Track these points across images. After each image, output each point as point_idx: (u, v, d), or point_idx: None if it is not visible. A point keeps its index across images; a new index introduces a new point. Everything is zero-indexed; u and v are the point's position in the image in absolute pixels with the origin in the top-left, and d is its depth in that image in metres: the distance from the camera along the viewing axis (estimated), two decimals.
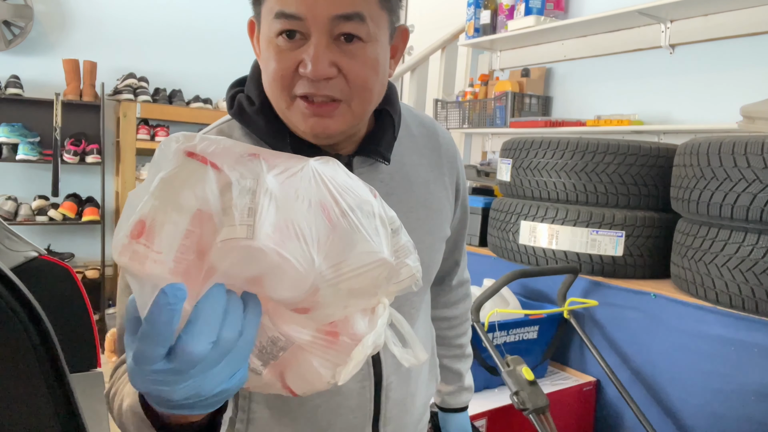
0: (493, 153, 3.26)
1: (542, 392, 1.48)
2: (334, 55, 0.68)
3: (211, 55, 4.38)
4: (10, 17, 3.66)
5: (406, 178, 0.85)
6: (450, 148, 0.93)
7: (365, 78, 0.71)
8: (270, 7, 0.69)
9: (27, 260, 0.95)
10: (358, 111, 0.73)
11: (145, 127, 3.93)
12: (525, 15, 2.78)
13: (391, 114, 0.82)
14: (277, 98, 0.72)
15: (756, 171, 1.47)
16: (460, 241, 1.05)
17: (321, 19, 0.67)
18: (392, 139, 0.82)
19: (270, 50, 0.70)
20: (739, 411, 1.53)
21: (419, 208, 0.86)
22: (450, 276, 1.08)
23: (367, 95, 0.72)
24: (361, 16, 0.68)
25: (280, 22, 0.68)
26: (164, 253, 0.42)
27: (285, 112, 0.73)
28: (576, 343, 1.98)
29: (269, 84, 0.72)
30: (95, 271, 3.84)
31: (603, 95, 2.73)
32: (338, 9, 0.67)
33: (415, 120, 0.91)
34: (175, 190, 0.43)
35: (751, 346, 1.51)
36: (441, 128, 0.94)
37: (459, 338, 1.11)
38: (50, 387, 0.61)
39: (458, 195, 0.95)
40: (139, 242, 0.42)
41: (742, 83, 2.21)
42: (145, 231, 0.42)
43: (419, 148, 0.89)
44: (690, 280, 1.67)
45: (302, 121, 0.72)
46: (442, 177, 0.90)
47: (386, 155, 0.81)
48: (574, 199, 1.98)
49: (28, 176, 3.88)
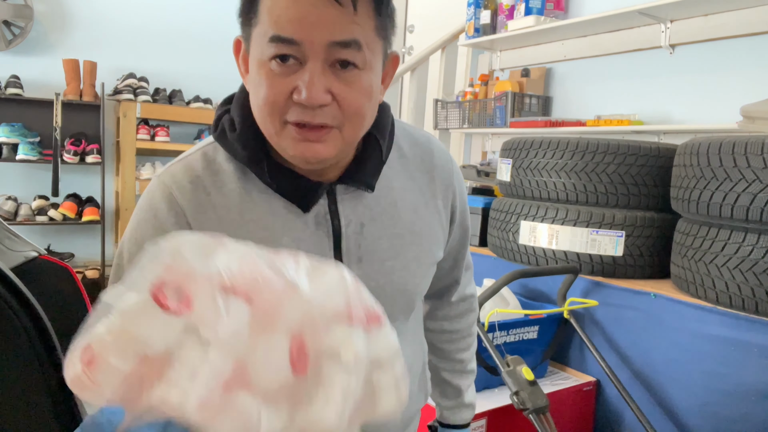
0: (493, 153, 3.26)
1: (542, 392, 1.48)
2: (329, 82, 0.67)
3: (211, 55, 4.38)
4: (10, 17, 3.66)
5: (392, 204, 0.84)
6: (446, 168, 0.91)
7: (359, 105, 0.70)
8: (263, 30, 0.68)
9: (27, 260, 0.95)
10: (349, 137, 0.72)
11: (145, 127, 3.93)
12: (525, 15, 2.78)
13: (378, 139, 0.81)
14: (267, 123, 0.71)
15: (756, 171, 1.47)
16: (460, 259, 1.02)
17: (318, 45, 0.66)
18: (379, 165, 0.81)
19: (261, 74, 0.69)
20: (739, 411, 1.53)
21: (405, 234, 0.85)
22: (449, 292, 1.06)
23: (360, 121, 0.72)
24: (358, 43, 0.67)
25: (275, 46, 0.66)
26: (103, 388, 0.44)
27: (274, 137, 0.72)
28: (576, 343, 1.98)
29: (259, 108, 0.71)
30: (95, 271, 3.84)
31: (603, 95, 2.73)
32: (336, 35, 0.66)
33: (409, 140, 0.89)
34: (129, 330, 0.44)
35: (751, 346, 1.51)
36: (438, 147, 0.92)
37: (460, 353, 1.08)
38: (50, 387, 0.61)
39: (454, 217, 0.93)
40: (84, 372, 0.44)
41: (742, 83, 2.21)
42: (92, 362, 0.44)
43: (410, 171, 0.87)
44: (690, 280, 1.67)
45: (292, 146, 0.71)
46: (434, 200, 0.89)
47: (371, 183, 0.80)
48: (574, 199, 1.98)
49: (28, 176, 3.88)
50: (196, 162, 0.79)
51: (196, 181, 0.78)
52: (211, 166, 0.79)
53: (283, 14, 0.65)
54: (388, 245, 0.83)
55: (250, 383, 0.45)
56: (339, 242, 0.81)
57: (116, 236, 4.04)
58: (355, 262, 0.82)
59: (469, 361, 1.10)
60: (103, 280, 3.84)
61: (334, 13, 0.65)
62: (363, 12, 0.67)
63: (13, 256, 0.93)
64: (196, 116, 4.10)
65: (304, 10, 0.65)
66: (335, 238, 0.80)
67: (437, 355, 1.08)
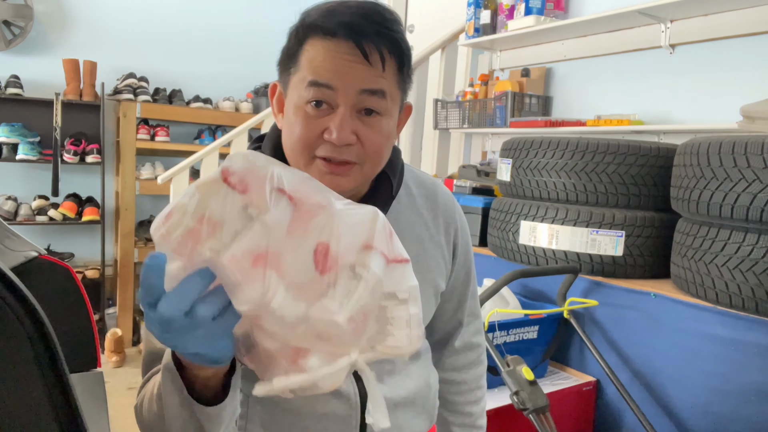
0: (493, 153, 3.26)
1: (542, 392, 1.48)
2: (355, 125, 0.79)
3: (211, 55, 4.38)
4: (10, 17, 3.66)
5: (399, 235, 0.91)
6: (448, 207, 1.00)
7: (379, 146, 0.82)
8: (302, 76, 0.79)
9: (27, 260, 0.95)
10: (368, 172, 0.84)
11: (145, 126, 3.92)
12: (525, 15, 2.77)
13: (389, 176, 0.91)
14: (298, 156, 0.81)
15: (756, 171, 1.47)
16: (464, 301, 1.05)
17: (350, 91, 0.77)
18: (388, 199, 0.92)
19: (298, 116, 0.79)
20: (739, 411, 1.53)
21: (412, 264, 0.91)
22: (453, 337, 1.07)
23: (378, 160, 0.84)
24: (384, 93, 0.79)
25: (312, 89, 0.77)
26: (171, 236, 0.55)
27: (302, 169, 0.80)
28: (576, 343, 1.98)
29: (292, 143, 0.81)
30: (95, 271, 3.84)
31: (603, 95, 2.73)
32: (367, 84, 0.77)
33: (416, 180, 1.00)
34: (198, 197, 0.55)
35: (751, 346, 1.51)
36: (442, 189, 1.02)
37: (468, 406, 1.09)
38: (50, 387, 0.61)
39: (456, 252, 1.00)
40: (161, 224, 0.56)
41: (742, 83, 2.21)
42: (168, 217, 0.56)
43: (416, 207, 0.97)
44: (690, 280, 1.67)
45: (319, 177, 0.79)
46: (438, 235, 0.98)
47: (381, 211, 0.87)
48: (574, 199, 1.98)
49: (28, 176, 3.88)
50: None
51: None
52: None
53: (322, 65, 0.77)
54: None
55: (280, 268, 0.54)
56: None
57: (116, 236, 4.04)
58: None
59: (479, 416, 1.10)
60: (103, 280, 3.84)
61: (366, 69, 0.77)
62: (389, 69, 0.79)
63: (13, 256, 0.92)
64: (196, 116, 4.10)
65: (340, 64, 0.77)
66: None
67: (447, 408, 1.09)
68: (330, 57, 0.77)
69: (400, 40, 0.80)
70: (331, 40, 0.77)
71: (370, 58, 0.77)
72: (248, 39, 4.45)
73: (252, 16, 4.47)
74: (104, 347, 3.49)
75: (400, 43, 0.80)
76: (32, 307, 0.59)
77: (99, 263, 3.87)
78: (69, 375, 0.62)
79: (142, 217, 4.13)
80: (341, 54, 0.77)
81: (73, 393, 0.62)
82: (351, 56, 0.77)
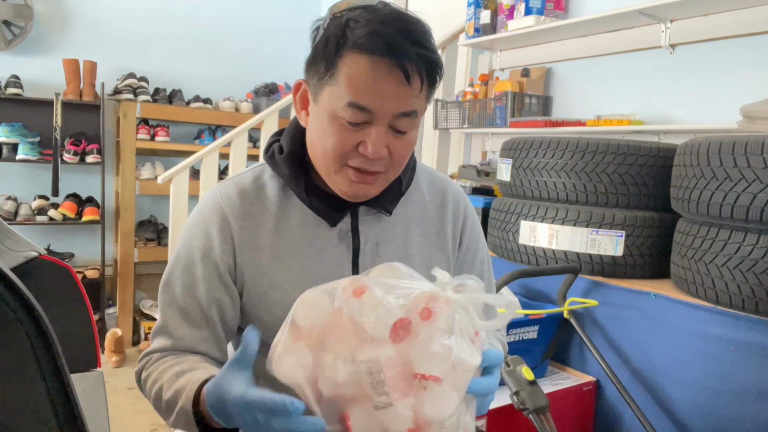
0: (493, 153, 3.26)
1: (542, 392, 1.48)
2: (388, 140, 0.84)
3: (211, 55, 4.38)
4: (10, 17, 3.66)
5: (406, 229, 0.99)
6: (458, 202, 1.06)
7: (405, 156, 0.88)
8: (341, 93, 0.81)
9: (27, 260, 0.95)
10: (391, 177, 0.90)
11: (145, 126, 3.92)
12: (525, 15, 2.77)
13: (399, 176, 0.95)
14: (329, 163, 0.86)
15: (756, 171, 1.47)
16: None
17: (387, 114, 0.81)
18: (398, 194, 0.97)
19: (334, 126, 0.83)
20: (739, 411, 1.53)
21: (416, 256, 0.99)
22: None
23: (402, 167, 0.90)
24: (416, 113, 0.84)
25: (351, 111, 0.80)
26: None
27: (331, 174, 0.88)
28: (576, 343, 1.98)
29: (324, 151, 0.85)
30: (95, 271, 3.84)
31: (603, 95, 2.73)
32: (404, 108, 0.82)
33: (428, 178, 1.06)
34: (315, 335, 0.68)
35: (751, 346, 1.51)
36: (452, 185, 1.08)
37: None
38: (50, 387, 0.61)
39: (462, 240, 1.05)
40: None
41: (742, 83, 2.21)
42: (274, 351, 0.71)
43: (425, 203, 1.03)
44: (690, 280, 1.67)
45: (347, 184, 0.87)
46: (444, 228, 1.03)
47: (389, 208, 0.96)
48: (574, 199, 1.98)
49: (28, 176, 3.88)
50: (246, 178, 0.97)
51: (243, 193, 0.94)
52: (257, 181, 0.96)
53: (365, 88, 0.79)
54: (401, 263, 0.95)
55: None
56: (357, 257, 0.95)
57: (116, 236, 4.04)
58: None
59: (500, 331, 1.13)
60: (103, 280, 3.84)
61: (405, 90, 0.80)
62: (424, 90, 0.84)
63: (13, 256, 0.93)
64: (196, 116, 4.10)
65: (382, 87, 0.79)
66: (354, 252, 0.95)
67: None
68: (373, 79, 0.79)
69: (438, 62, 0.84)
70: (374, 60, 0.79)
71: (411, 80, 0.80)
72: (248, 39, 4.45)
73: (252, 16, 4.47)
74: (104, 347, 3.49)
75: (438, 66, 0.84)
76: (32, 307, 0.59)
77: (99, 263, 3.87)
78: (69, 375, 0.62)
79: (142, 217, 4.13)
80: (384, 75, 0.79)
81: (73, 393, 0.62)
82: (393, 78, 0.79)
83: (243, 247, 0.92)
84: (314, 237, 0.93)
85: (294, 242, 0.93)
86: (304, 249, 0.93)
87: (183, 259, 0.93)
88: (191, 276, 0.92)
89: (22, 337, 0.59)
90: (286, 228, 0.93)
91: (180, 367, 0.85)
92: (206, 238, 0.92)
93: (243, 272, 0.93)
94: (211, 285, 0.92)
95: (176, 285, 0.93)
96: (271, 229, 0.93)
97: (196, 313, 0.92)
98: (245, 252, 0.92)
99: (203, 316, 0.92)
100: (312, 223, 0.94)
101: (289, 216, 0.94)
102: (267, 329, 0.92)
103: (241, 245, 0.92)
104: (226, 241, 0.92)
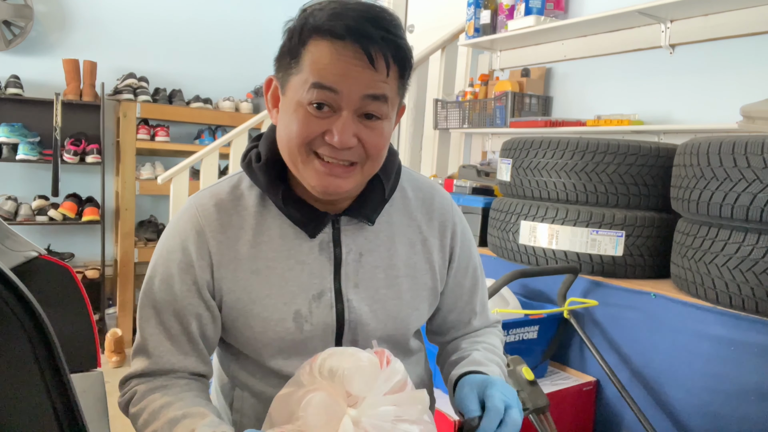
0: (493, 153, 3.26)
1: (542, 392, 1.48)
2: (357, 128, 0.80)
3: (211, 55, 4.38)
4: (10, 17, 3.66)
5: (390, 238, 0.95)
6: (446, 210, 1.01)
7: (380, 148, 0.83)
8: (305, 78, 0.78)
9: (27, 260, 0.95)
10: (367, 173, 0.85)
11: (145, 126, 3.92)
12: (525, 15, 2.77)
13: (382, 179, 0.92)
14: (294, 153, 0.82)
15: (756, 171, 1.47)
16: (474, 295, 1.06)
17: (354, 95, 0.78)
18: (381, 202, 0.93)
19: (298, 113, 0.80)
20: (739, 411, 1.53)
21: (400, 266, 0.95)
22: (470, 322, 1.07)
23: (378, 161, 0.85)
24: (386, 98, 0.80)
25: (316, 92, 0.77)
26: None
27: (298, 165, 0.83)
28: (576, 343, 1.98)
29: (288, 140, 0.82)
30: (95, 271, 3.84)
31: (603, 95, 2.73)
32: (371, 89, 0.78)
33: (414, 185, 1.01)
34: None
35: (751, 346, 1.51)
36: (440, 192, 1.03)
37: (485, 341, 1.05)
38: (50, 387, 0.61)
39: (453, 254, 1.01)
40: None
41: (742, 83, 2.21)
42: None
43: (411, 210, 0.98)
44: (690, 280, 1.67)
45: (315, 177, 0.82)
46: (432, 238, 0.98)
47: (371, 217, 0.92)
48: (574, 199, 1.98)
49: (28, 176, 3.88)
50: (223, 188, 0.92)
51: (220, 204, 0.90)
52: (235, 191, 0.92)
53: (327, 68, 0.77)
54: (384, 275, 0.93)
55: None
56: (339, 268, 0.91)
57: (116, 236, 4.04)
58: (352, 287, 0.91)
59: (499, 348, 1.06)
60: (103, 280, 3.84)
61: (371, 74, 0.77)
62: (392, 75, 0.80)
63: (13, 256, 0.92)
64: (196, 116, 4.10)
65: (346, 68, 0.76)
66: (336, 263, 0.91)
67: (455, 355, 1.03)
68: (336, 60, 0.76)
69: (405, 47, 0.81)
70: (337, 43, 0.77)
71: (376, 63, 0.77)
72: (248, 39, 4.45)
73: (252, 16, 4.47)
74: (104, 347, 3.49)
75: (405, 51, 0.81)
76: (32, 307, 0.59)
77: (99, 263, 3.87)
78: (69, 375, 0.62)
79: (142, 217, 4.13)
80: (347, 57, 0.77)
81: (73, 393, 0.62)
82: (357, 60, 0.77)
83: (221, 262, 0.88)
84: (294, 248, 0.89)
85: (274, 254, 0.89)
86: (283, 261, 0.89)
87: (160, 274, 0.90)
88: (170, 291, 0.89)
89: (22, 337, 0.59)
90: (265, 240, 0.89)
91: (173, 412, 0.82)
92: (183, 252, 0.89)
93: (221, 287, 0.89)
94: (190, 300, 0.88)
95: (155, 300, 0.90)
96: (250, 242, 0.89)
97: (176, 329, 0.89)
98: (223, 266, 0.88)
99: (183, 331, 0.89)
100: (291, 234, 0.90)
101: (268, 227, 0.90)
102: (247, 344, 0.91)
103: (219, 260, 0.88)
104: (202, 256, 0.88)
